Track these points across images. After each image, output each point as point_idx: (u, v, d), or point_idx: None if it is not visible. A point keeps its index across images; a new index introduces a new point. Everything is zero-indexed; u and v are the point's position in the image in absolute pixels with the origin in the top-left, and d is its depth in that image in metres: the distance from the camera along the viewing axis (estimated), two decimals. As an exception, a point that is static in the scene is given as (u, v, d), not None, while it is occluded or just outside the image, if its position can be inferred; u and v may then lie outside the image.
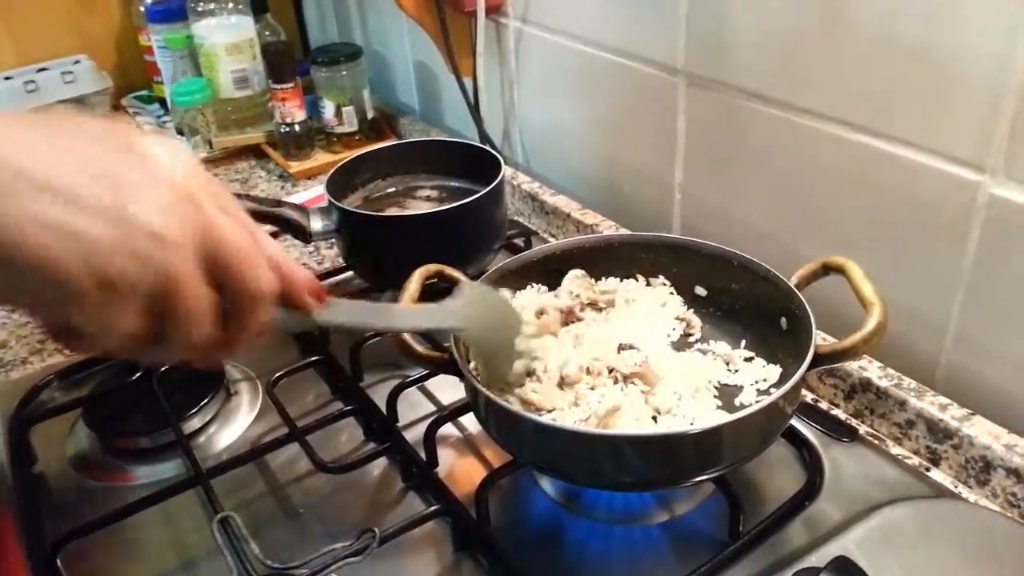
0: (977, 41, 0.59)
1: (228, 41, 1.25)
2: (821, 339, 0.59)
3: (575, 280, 0.73)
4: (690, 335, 0.71)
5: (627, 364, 0.64)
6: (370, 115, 1.29)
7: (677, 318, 0.72)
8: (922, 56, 0.63)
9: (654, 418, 0.61)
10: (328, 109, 1.25)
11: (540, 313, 0.69)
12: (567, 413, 0.62)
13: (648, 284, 0.74)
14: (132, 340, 0.37)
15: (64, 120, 0.37)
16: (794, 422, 0.68)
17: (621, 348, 0.66)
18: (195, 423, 0.76)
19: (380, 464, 0.70)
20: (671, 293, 0.74)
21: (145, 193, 0.36)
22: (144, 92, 1.53)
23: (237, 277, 0.39)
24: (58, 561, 0.63)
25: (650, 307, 0.72)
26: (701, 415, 0.61)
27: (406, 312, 0.60)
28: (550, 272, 0.74)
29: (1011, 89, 0.58)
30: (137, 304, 0.36)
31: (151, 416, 0.75)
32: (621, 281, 0.75)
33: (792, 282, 0.64)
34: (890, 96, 0.66)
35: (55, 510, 0.70)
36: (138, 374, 0.79)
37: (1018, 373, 0.65)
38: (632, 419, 0.60)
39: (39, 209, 0.33)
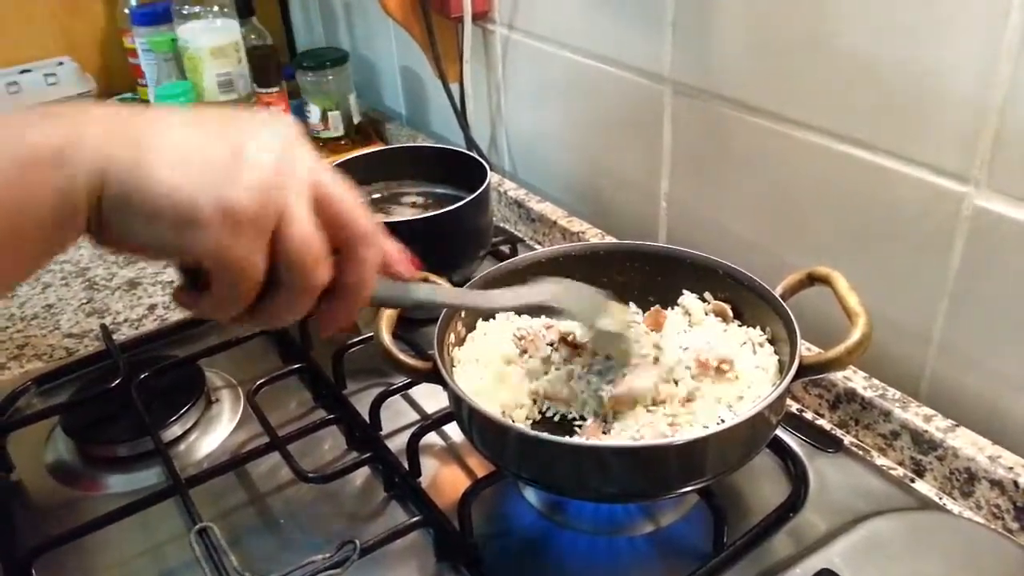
0: (961, 54, 0.59)
1: (213, 44, 1.24)
2: (806, 349, 0.59)
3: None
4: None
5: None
6: (356, 120, 1.28)
7: (711, 312, 0.70)
8: (907, 69, 0.63)
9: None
10: (314, 114, 1.25)
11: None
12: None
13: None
14: (257, 283, 0.41)
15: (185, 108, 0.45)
16: (779, 432, 0.68)
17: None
18: (175, 431, 0.75)
19: (362, 473, 0.70)
20: (685, 303, 0.72)
21: (262, 135, 0.41)
22: (128, 94, 1.52)
23: (346, 217, 0.43)
24: (33, 571, 0.62)
25: (680, 323, 0.70)
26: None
27: (503, 292, 0.62)
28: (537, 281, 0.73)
29: (994, 101, 0.58)
30: (259, 241, 0.40)
31: (130, 424, 0.74)
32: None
33: (777, 292, 0.64)
34: (875, 108, 0.66)
35: (32, 519, 0.69)
36: (117, 381, 0.78)
37: (1002, 384, 0.65)
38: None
39: (164, 157, 0.39)
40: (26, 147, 0.37)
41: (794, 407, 0.74)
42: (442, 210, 0.84)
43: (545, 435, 0.58)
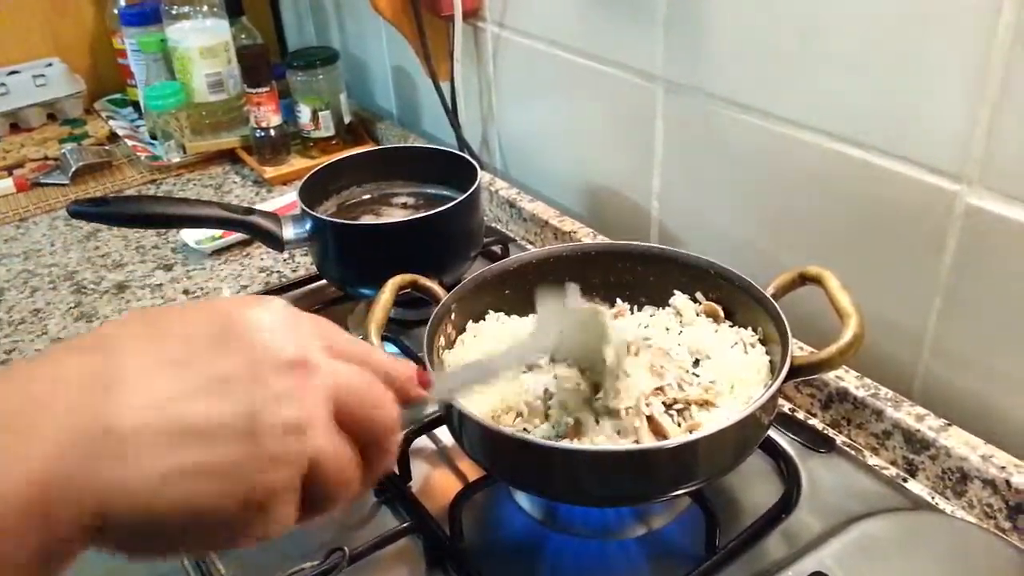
0: (953, 50, 0.59)
1: (202, 44, 1.23)
2: (798, 349, 0.59)
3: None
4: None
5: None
6: (347, 119, 1.28)
7: (702, 313, 0.70)
8: (899, 66, 0.62)
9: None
10: (304, 113, 1.24)
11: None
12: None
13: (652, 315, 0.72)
14: (295, 522, 0.36)
15: (140, 321, 0.36)
16: (771, 433, 0.68)
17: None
18: (164, 436, 0.74)
19: (352, 478, 0.69)
20: (676, 304, 0.71)
21: (264, 389, 0.34)
22: (118, 95, 1.51)
23: (368, 419, 0.38)
24: (20, 581, 0.61)
25: (671, 323, 0.70)
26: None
27: (506, 357, 0.56)
28: (527, 282, 0.73)
29: (987, 98, 0.58)
30: (294, 496, 0.35)
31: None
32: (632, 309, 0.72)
33: (769, 292, 0.64)
34: (867, 105, 0.66)
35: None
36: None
37: (995, 383, 0.65)
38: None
39: (168, 462, 0.32)
40: None
41: (786, 407, 0.73)
42: (433, 211, 0.83)
43: (536, 439, 0.57)
